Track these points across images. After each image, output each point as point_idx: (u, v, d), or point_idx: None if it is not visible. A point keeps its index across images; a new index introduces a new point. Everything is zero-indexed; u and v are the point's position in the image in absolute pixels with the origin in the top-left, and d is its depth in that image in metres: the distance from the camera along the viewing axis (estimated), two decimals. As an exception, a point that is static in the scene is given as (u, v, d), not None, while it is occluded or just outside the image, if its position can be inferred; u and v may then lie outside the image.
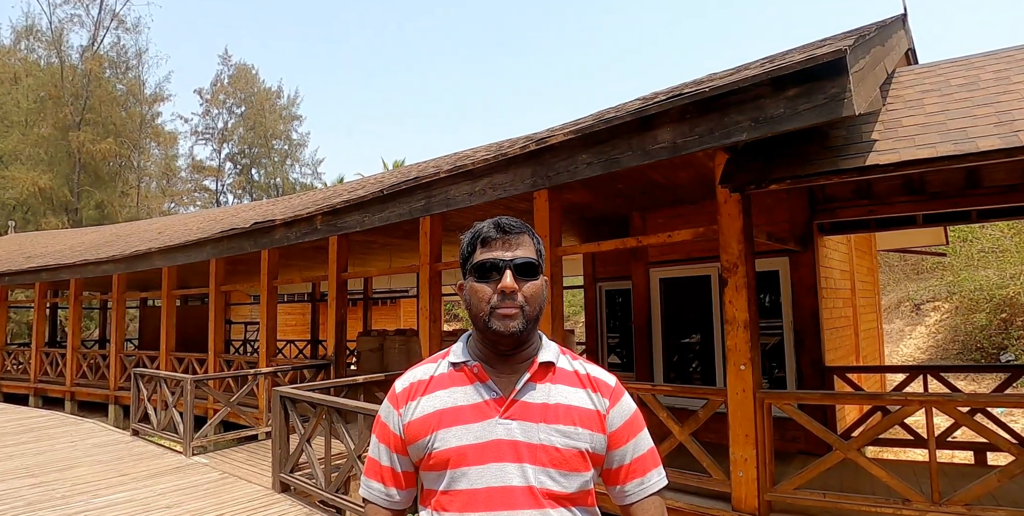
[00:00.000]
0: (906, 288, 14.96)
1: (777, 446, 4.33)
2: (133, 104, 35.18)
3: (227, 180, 42.23)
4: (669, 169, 5.11)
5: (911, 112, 3.92)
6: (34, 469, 6.13)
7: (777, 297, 5.80)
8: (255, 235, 8.19)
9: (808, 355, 5.55)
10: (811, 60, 3.05)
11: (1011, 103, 3.53)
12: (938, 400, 3.55)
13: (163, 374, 7.70)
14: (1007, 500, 3.68)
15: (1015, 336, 10.88)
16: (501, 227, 1.20)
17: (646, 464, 1.25)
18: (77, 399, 11.91)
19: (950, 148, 3.12)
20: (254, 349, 17.03)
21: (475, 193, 5.19)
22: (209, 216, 15.87)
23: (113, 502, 4.97)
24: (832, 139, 3.72)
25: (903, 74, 5.14)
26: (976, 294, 12.07)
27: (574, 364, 1.26)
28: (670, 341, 6.62)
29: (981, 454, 5.23)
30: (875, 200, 5.43)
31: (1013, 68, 4.28)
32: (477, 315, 1.17)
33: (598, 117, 4.47)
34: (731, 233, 3.92)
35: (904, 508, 3.41)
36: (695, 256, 6.31)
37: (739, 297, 3.85)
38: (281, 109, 43.06)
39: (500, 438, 1.14)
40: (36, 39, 33.15)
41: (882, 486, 3.59)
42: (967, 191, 4.93)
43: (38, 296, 13.14)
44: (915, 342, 12.69)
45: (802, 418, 3.80)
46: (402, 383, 1.26)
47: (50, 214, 29.69)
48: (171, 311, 10.32)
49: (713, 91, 3.42)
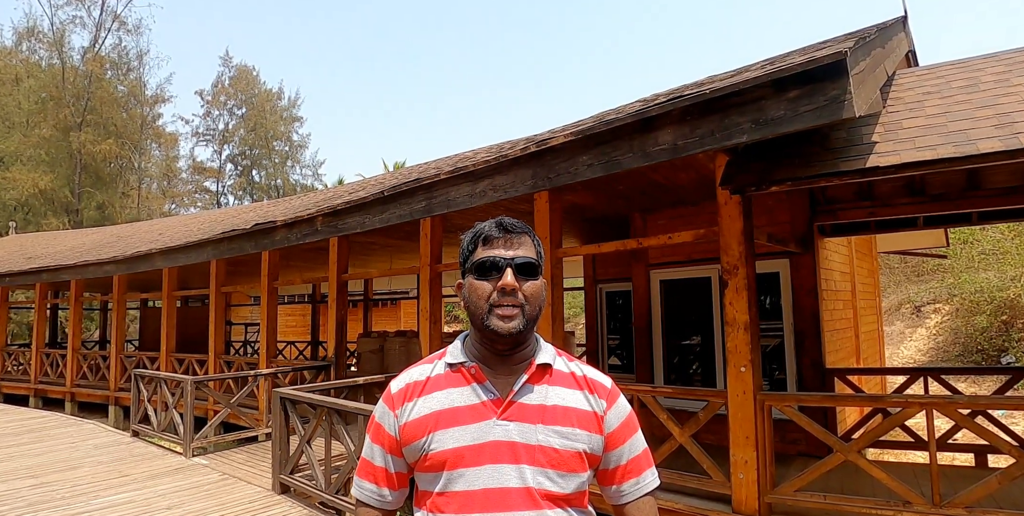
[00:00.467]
0: (907, 290, 14.95)
1: (777, 448, 4.33)
2: (134, 105, 35.23)
3: (228, 181, 42.28)
4: (670, 170, 5.11)
5: (912, 114, 3.92)
6: (35, 470, 6.13)
7: (778, 299, 5.80)
8: (256, 236, 8.19)
9: (808, 357, 5.54)
10: (812, 62, 3.06)
11: (1011, 105, 3.53)
12: (939, 402, 3.54)
13: (163, 375, 7.70)
14: (1008, 502, 3.68)
15: (1016, 338, 10.87)
16: (503, 226, 1.20)
17: (641, 464, 1.26)
18: (77, 400, 11.91)
19: (950, 150, 3.12)
20: (254, 350, 17.03)
21: (476, 194, 5.20)
22: (210, 217, 15.88)
23: (113, 503, 4.97)
24: (833, 141, 3.72)
25: (903, 76, 5.14)
26: (977, 296, 12.06)
27: (570, 366, 1.27)
28: (670, 343, 6.62)
29: (982, 456, 5.22)
30: (876, 202, 5.43)
31: (1013, 70, 4.28)
32: (476, 313, 1.17)
33: (599, 118, 4.48)
34: (731, 235, 3.92)
35: (905, 510, 3.41)
36: (696, 258, 6.31)
37: (739, 299, 3.85)
38: (282, 110, 43.10)
39: (497, 439, 1.14)
40: (38, 40, 33.22)
41: (883, 488, 3.58)
42: (968, 193, 4.93)
43: (39, 297, 13.14)
44: (916, 344, 12.68)
45: (802, 420, 3.79)
46: (398, 384, 1.25)
47: (51, 215, 29.72)
48: (171, 312, 10.32)
49: (714, 93, 3.42)
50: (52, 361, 12.73)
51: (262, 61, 74.43)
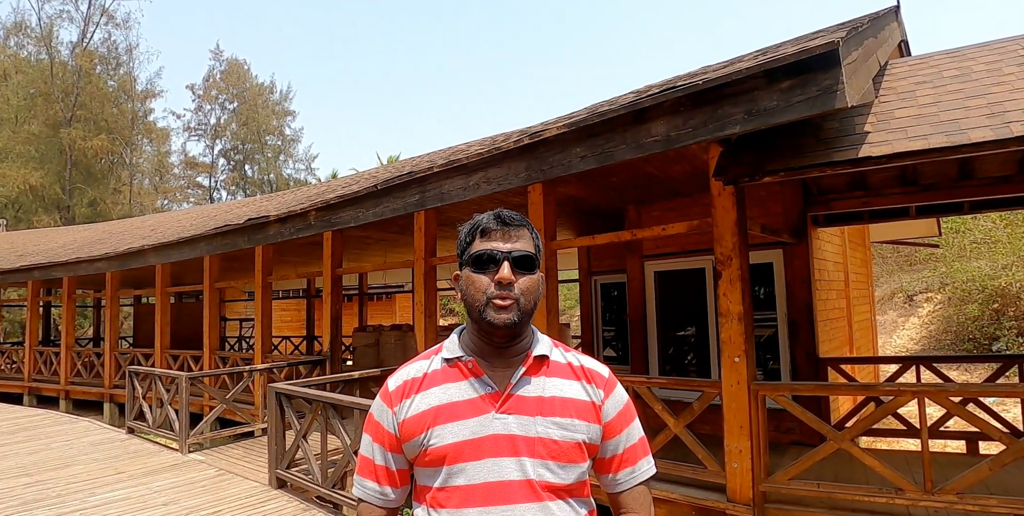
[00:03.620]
0: (899, 279, 15.04)
1: (771, 437, 4.36)
2: (124, 100, 34.92)
3: (220, 176, 42.03)
4: (663, 162, 5.11)
5: (904, 104, 3.92)
6: (29, 468, 6.12)
7: (771, 289, 5.82)
8: (249, 231, 8.15)
9: (802, 347, 5.58)
10: (804, 52, 3.05)
11: (1003, 94, 3.54)
12: (930, 390, 3.57)
13: (158, 371, 7.68)
14: (999, 488, 3.72)
15: (1007, 326, 10.96)
16: (502, 219, 1.20)
17: (637, 453, 1.26)
18: (72, 397, 11.87)
19: (942, 140, 3.13)
20: (249, 346, 17.00)
21: (469, 187, 5.18)
22: (203, 213, 15.80)
23: (109, 500, 4.96)
24: (826, 131, 3.72)
25: (896, 66, 5.14)
26: (968, 285, 12.14)
27: (567, 356, 1.27)
28: (665, 334, 6.64)
29: (973, 443, 5.27)
30: (869, 192, 5.44)
31: (1005, 60, 4.29)
32: (472, 305, 1.17)
33: (592, 110, 4.46)
34: (725, 226, 3.92)
35: (897, 497, 3.45)
36: (689, 249, 6.32)
37: (733, 289, 3.86)
38: (274, 104, 42.81)
39: (497, 433, 1.14)
40: (26, 35, 32.87)
41: (876, 476, 3.62)
42: (960, 182, 4.95)
43: (31, 294, 13.07)
44: (908, 333, 12.77)
45: (796, 409, 3.82)
46: (395, 381, 1.25)
47: (42, 212, 29.51)
48: (165, 308, 10.28)
49: (706, 83, 3.41)
50: (46, 359, 12.67)
51: (253, 55, 73.94)
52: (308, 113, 72.11)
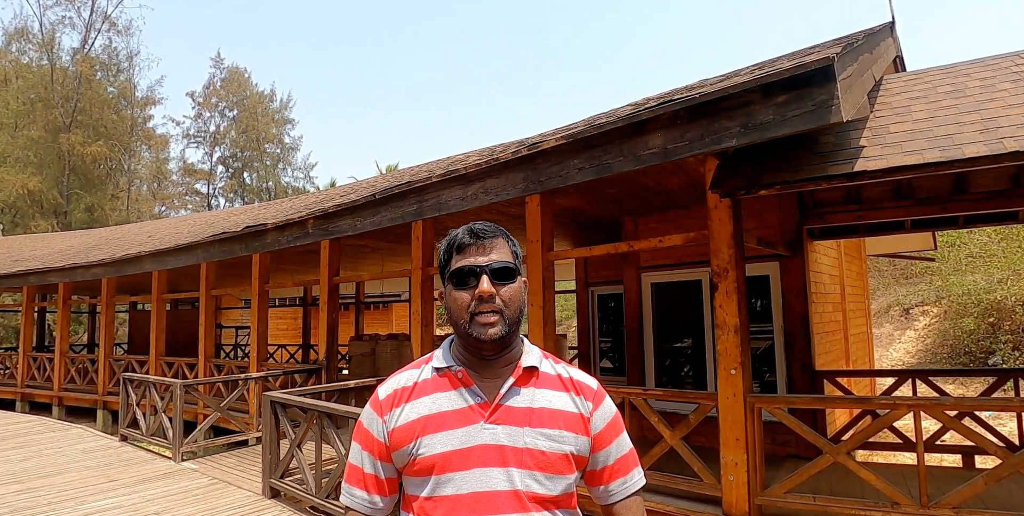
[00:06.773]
0: (895, 293, 15.07)
1: (767, 450, 4.35)
2: (124, 107, 35.03)
3: (219, 184, 42.04)
4: (660, 174, 5.14)
5: (899, 119, 3.96)
6: (20, 475, 6.06)
7: (768, 301, 5.84)
8: (246, 239, 8.15)
9: (798, 359, 5.58)
10: (800, 67, 3.09)
11: (997, 110, 3.58)
12: (926, 404, 3.57)
13: (152, 379, 7.64)
14: (994, 503, 3.72)
15: (1003, 340, 10.98)
16: (474, 233, 1.20)
17: (628, 464, 1.27)
18: (65, 404, 11.78)
19: (937, 155, 3.16)
20: (245, 354, 16.94)
21: (467, 197, 5.20)
22: (200, 220, 15.79)
23: (101, 508, 4.92)
24: (821, 145, 3.76)
25: (891, 81, 5.20)
26: (964, 299, 12.17)
27: (556, 368, 1.27)
28: (662, 345, 6.64)
29: (969, 457, 5.27)
30: (864, 205, 5.47)
31: (998, 76, 4.34)
32: (458, 322, 1.18)
33: (590, 122, 4.49)
34: (721, 238, 3.94)
35: (893, 511, 3.44)
36: (686, 261, 6.34)
37: (729, 301, 3.87)
38: (273, 112, 42.95)
39: (485, 443, 1.14)
40: (27, 41, 33.01)
41: (871, 489, 3.61)
42: (954, 197, 4.98)
43: (26, 300, 13.01)
44: (904, 346, 12.78)
45: (792, 422, 3.82)
46: (385, 390, 1.25)
47: (39, 217, 29.46)
48: (161, 315, 10.24)
49: (703, 97, 3.45)
50: (39, 365, 12.59)
51: (254, 63, 74.18)
52: (307, 122, 72.35)
